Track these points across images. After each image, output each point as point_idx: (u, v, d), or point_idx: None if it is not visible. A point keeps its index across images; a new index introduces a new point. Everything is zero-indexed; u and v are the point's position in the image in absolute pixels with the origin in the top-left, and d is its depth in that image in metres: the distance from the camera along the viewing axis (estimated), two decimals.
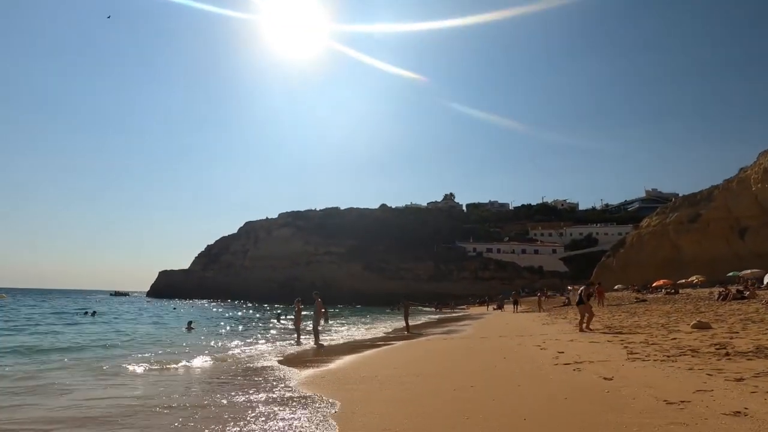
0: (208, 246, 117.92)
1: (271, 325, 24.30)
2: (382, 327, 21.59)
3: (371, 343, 13.41)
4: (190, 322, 20.61)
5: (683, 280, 41.94)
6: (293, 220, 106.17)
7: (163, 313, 36.98)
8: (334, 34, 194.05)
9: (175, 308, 44.35)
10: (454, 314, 40.48)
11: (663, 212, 60.97)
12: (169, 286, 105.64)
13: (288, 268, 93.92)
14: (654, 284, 36.87)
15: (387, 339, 14.93)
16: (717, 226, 52.65)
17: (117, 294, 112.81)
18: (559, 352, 7.65)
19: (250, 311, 45.37)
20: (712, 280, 42.17)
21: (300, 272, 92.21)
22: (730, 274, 40.72)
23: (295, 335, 14.93)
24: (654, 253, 56.88)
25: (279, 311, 34.22)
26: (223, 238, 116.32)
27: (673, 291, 31.14)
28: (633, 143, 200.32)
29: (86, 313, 31.83)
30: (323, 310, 15.44)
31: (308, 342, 13.97)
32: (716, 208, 53.85)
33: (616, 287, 48.44)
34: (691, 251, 52.93)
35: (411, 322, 20.28)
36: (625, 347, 7.61)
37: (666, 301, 24.05)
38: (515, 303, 31.71)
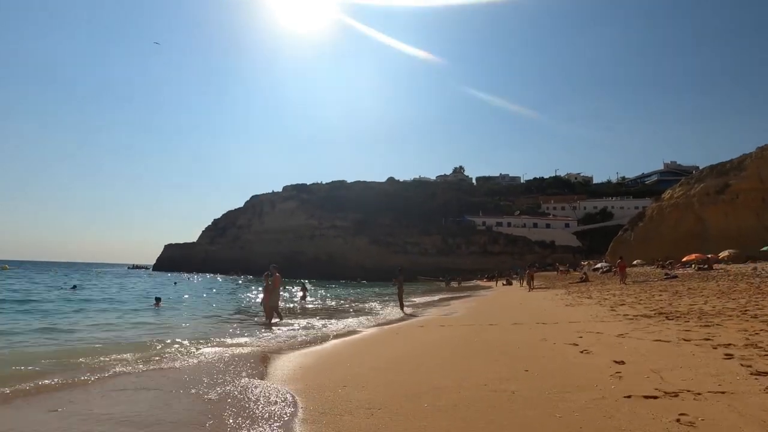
0: (215, 220, 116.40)
1: (251, 300, 21.80)
2: (371, 306, 18.77)
3: (348, 330, 10.60)
4: (158, 299, 18.42)
5: (710, 255, 38.63)
6: (297, 193, 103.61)
7: (156, 287, 35.11)
8: (344, 6, 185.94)
9: (176, 283, 42.48)
10: (460, 290, 37.84)
11: (687, 183, 56.91)
12: (174, 259, 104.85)
13: (292, 242, 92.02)
14: (684, 259, 33.52)
15: (370, 322, 12.11)
16: (747, 197, 48.76)
17: (135, 267, 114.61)
18: (617, 363, 4.65)
19: (252, 286, 43.27)
20: (741, 255, 39.03)
21: (304, 246, 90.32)
22: (765, 248, 37.45)
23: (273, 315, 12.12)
24: (676, 226, 53.31)
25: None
26: (230, 212, 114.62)
27: (705, 266, 27.83)
28: (652, 114, 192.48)
29: (73, 287, 29.86)
30: (304, 287, 12.83)
31: (272, 325, 11.21)
32: (747, 177, 49.82)
33: (635, 262, 45.34)
34: (717, 224, 49.30)
35: (417, 299, 17.55)
36: (729, 355, 4.58)
37: (704, 278, 20.88)
38: (530, 279, 28.56)
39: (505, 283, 42.38)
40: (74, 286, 30.01)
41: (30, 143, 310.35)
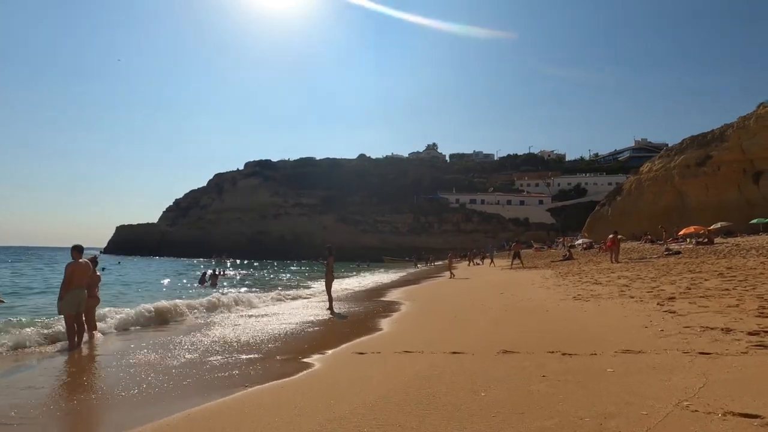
0: (176, 200, 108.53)
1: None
2: (296, 304, 13.96)
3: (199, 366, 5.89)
4: None
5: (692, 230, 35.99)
6: (261, 169, 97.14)
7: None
8: None
9: (104, 268, 36.56)
10: (429, 270, 33.90)
11: (667, 155, 54.33)
12: (127, 241, 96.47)
13: (256, 222, 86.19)
14: (681, 232, 30.42)
15: (259, 351, 7.31)
16: (728, 169, 46.31)
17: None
18: None
19: (194, 270, 37.81)
20: (733, 228, 36.64)
21: (269, 225, 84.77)
22: (755, 221, 35.01)
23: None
24: (655, 200, 50.74)
25: (211, 268, 26.60)
26: (193, 192, 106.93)
27: (705, 240, 24.62)
28: (622, 91, 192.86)
29: None
30: (215, 272, 7.91)
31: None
32: (729, 149, 47.28)
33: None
34: (697, 198, 46.87)
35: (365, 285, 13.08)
36: None
37: (717, 254, 17.30)
38: (516, 256, 24.84)
39: (478, 262, 38.77)
40: None
41: None
